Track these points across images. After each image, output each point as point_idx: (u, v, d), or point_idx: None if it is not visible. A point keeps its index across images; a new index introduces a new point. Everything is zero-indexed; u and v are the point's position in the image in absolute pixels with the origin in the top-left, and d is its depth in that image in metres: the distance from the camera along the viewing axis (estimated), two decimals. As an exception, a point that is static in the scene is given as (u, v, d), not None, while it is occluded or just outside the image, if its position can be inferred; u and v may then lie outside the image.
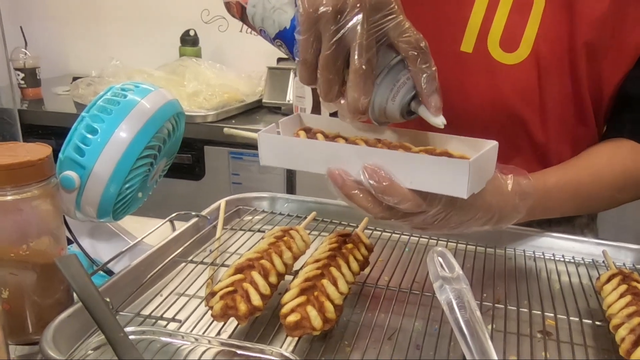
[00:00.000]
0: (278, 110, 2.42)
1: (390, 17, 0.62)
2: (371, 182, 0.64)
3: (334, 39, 0.61)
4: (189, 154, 2.23)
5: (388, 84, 0.65)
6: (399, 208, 0.66)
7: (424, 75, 0.64)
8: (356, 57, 0.61)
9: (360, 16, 0.60)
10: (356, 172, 0.66)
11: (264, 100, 2.44)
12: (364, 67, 0.61)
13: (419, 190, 0.65)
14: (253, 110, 2.45)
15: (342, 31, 0.61)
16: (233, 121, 2.25)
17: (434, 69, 0.64)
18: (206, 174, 2.28)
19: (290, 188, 2.19)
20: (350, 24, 0.61)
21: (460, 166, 0.61)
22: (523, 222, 0.84)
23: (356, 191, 0.66)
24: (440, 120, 0.65)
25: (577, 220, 1.08)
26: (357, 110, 0.64)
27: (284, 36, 0.68)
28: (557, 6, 0.91)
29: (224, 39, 2.87)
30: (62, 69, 3.09)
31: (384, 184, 0.64)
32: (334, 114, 0.75)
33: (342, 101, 0.67)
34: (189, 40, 2.79)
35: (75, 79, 2.57)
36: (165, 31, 2.89)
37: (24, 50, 2.66)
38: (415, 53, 0.63)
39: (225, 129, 0.74)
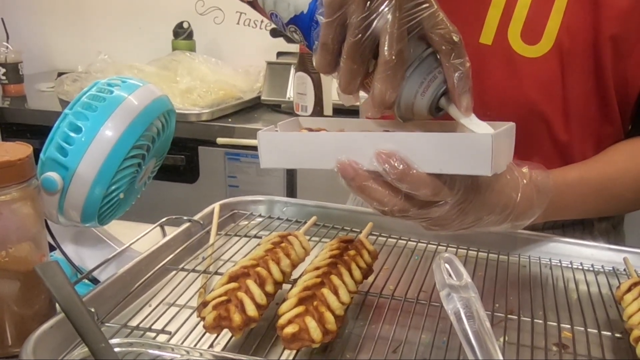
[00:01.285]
0: (278, 108, 2.42)
1: (424, 6, 0.61)
2: (386, 167, 0.63)
3: (362, 26, 0.61)
4: (182, 155, 2.23)
5: (418, 77, 0.64)
6: (417, 195, 0.65)
7: (457, 73, 0.63)
8: (386, 47, 0.60)
9: (392, 3, 0.60)
10: (369, 162, 0.65)
11: (262, 98, 2.44)
12: (394, 58, 0.61)
13: (437, 175, 0.64)
14: (251, 108, 2.46)
15: (372, 18, 0.60)
16: (229, 120, 2.26)
17: (468, 65, 0.64)
18: (200, 176, 2.28)
19: (291, 191, 2.19)
20: (381, 10, 0.60)
21: (482, 140, 0.61)
22: (541, 221, 0.84)
23: (370, 182, 0.66)
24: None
25: (597, 225, 1.08)
26: (384, 104, 0.63)
27: (299, 21, 0.68)
28: None
29: (219, 31, 2.88)
30: (47, 64, 3.10)
31: (400, 167, 0.63)
32: (333, 113, 0.75)
33: (362, 94, 0.67)
34: (182, 33, 2.80)
35: (60, 74, 2.57)
36: (157, 23, 2.90)
37: (5, 44, 2.67)
38: (450, 47, 0.62)
39: (219, 139, 0.75)
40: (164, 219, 1.00)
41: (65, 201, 0.78)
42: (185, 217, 0.99)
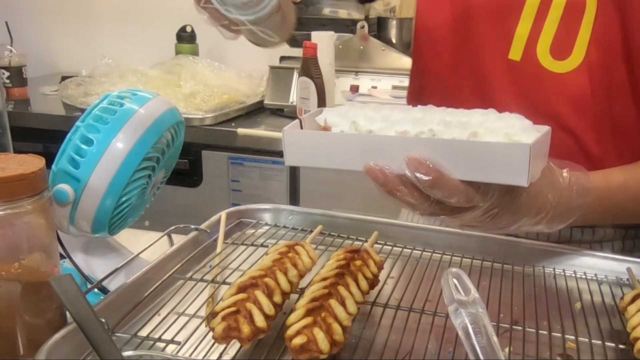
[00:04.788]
0: (281, 113, 2.43)
1: None
2: (417, 175, 0.62)
3: None
4: (185, 160, 2.24)
5: None
6: (449, 202, 0.64)
7: None
8: None
9: None
10: (398, 166, 0.64)
11: (265, 102, 2.45)
12: None
13: (470, 182, 0.63)
14: (254, 112, 2.46)
15: None
16: (232, 124, 2.26)
17: None
18: (204, 180, 2.29)
19: (294, 196, 2.20)
20: None
21: (519, 150, 0.60)
22: (579, 225, 0.83)
23: (400, 187, 0.65)
24: None
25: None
26: None
27: None
28: (609, 10, 0.91)
29: (222, 35, 2.88)
30: (50, 67, 3.11)
31: (431, 176, 0.62)
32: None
33: None
34: (185, 37, 2.80)
35: (64, 78, 2.58)
36: (160, 27, 2.90)
37: (9, 47, 2.67)
38: None
39: (239, 130, 0.74)
40: (171, 228, 1.01)
41: (77, 212, 0.79)
42: (192, 226, 1.00)
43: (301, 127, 0.74)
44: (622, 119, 0.95)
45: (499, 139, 0.63)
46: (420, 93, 1.11)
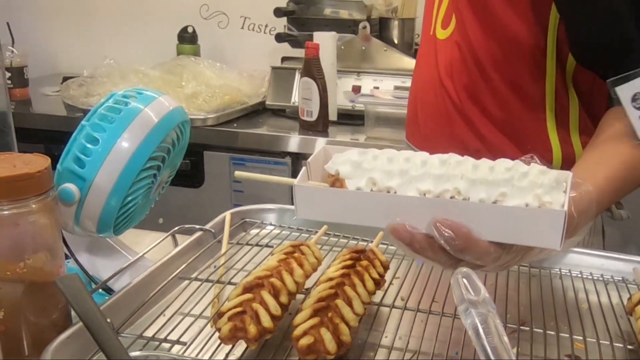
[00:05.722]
0: (282, 113, 2.43)
1: None
2: (446, 238, 0.61)
3: None
4: (187, 160, 2.23)
5: None
6: (477, 262, 0.64)
7: None
8: None
9: None
10: (424, 227, 0.63)
11: (267, 102, 2.44)
12: None
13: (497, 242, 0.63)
14: (256, 113, 2.46)
15: None
16: (234, 125, 2.26)
17: None
18: (205, 181, 2.28)
19: (296, 197, 2.19)
20: None
21: (554, 217, 0.60)
22: None
23: (427, 247, 0.63)
24: None
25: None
26: None
27: None
28: None
29: (224, 36, 2.88)
30: (52, 68, 3.10)
31: (462, 240, 0.61)
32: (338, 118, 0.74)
33: None
34: (187, 38, 2.80)
35: (65, 78, 2.57)
36: (162, 28, 2.90)
37: (10, 47, 2.66)
38: None
39: (236, 173, 0.70)
40: (176, 228, 1.00)
41: (82, 212, 0.79)
42: (197, 227, 0.99)
43: (308, 173, 0.71)
44: (469, 81, 1.04)
45: (529, 199, 0.62)
46: None
